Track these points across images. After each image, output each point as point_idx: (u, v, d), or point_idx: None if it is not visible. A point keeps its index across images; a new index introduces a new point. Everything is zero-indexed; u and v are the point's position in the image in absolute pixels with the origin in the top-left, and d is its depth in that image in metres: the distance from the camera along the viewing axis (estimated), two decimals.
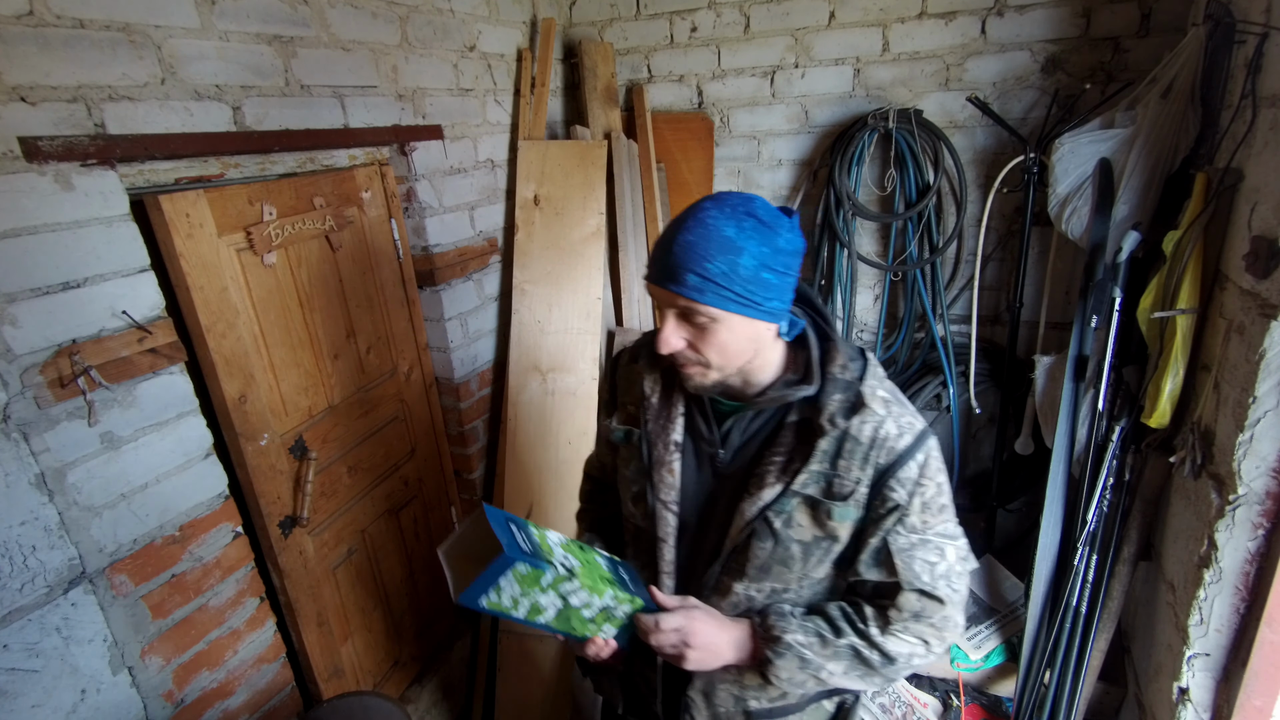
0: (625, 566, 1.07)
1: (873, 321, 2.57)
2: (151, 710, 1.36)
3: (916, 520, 0.96)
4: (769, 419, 1.00)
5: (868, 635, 0.98)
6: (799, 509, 0.96)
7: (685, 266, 0.86)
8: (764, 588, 1.02)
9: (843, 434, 0.94)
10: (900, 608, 0.97)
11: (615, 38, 2.59)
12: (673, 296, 0.88)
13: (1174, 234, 1.55)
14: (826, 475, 0.95)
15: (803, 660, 0.97)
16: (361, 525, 2.00)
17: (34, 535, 1.16)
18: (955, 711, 2.03)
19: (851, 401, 0.95)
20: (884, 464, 0.94)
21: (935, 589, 0.97)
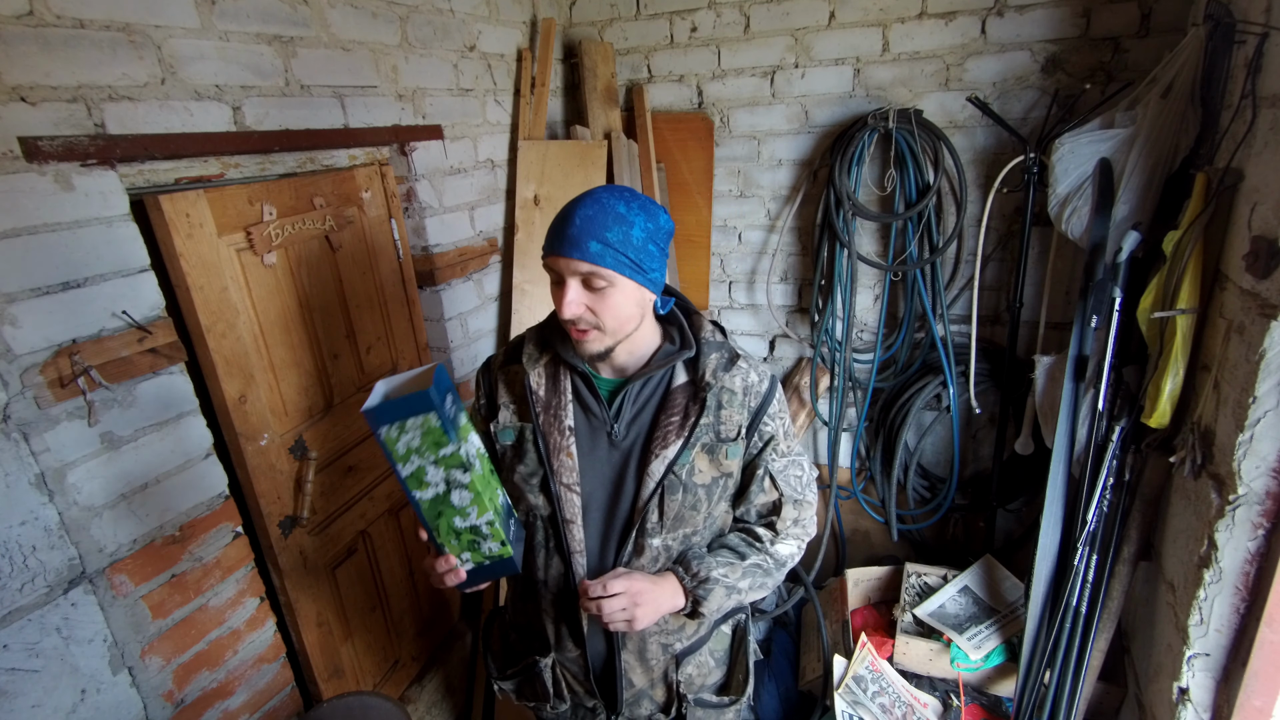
0: (516, 521, 1.12)
1: (873, 321, 2.57)
2: (151, 710, 1.36)
3: (784, 446, 1.19)
4: (655, 388, 1.14)
5: (764, 549, 1.18)
6: (699, 457, 1.12)
7: (587, 235, 0.99)
8: (678, 535, 1.15)
9: (721, 388, 1.12)
10: (784, 518, 1.20)
11: (615, 38, 2.59)
12: (575, 263, 1.00)
13: (1174, 234, 1.55)
14: (714, 425, 1.12)
15: (727, 589, 1.13)
16: (361, 525, 2.00)
17: (34, 535, 1.16)
18: (955, 711, 2.03)
19: (727, 358, 1.14)
20: (755, 406, 1.14)
21: (804, 496, 1.22)
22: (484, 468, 1.02)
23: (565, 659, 1.24)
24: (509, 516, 1.08)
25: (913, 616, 2.22)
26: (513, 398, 1.18)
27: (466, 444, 0.97)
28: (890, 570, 2.40)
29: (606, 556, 1.16)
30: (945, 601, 2.24)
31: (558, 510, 1.13)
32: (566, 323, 1.05)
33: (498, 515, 1.01)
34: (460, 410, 1.00)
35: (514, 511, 1.12)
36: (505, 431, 1.17)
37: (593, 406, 1.14)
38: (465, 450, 0.96)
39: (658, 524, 1.12)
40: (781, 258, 2.66)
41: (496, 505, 1.02)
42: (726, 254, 2.75)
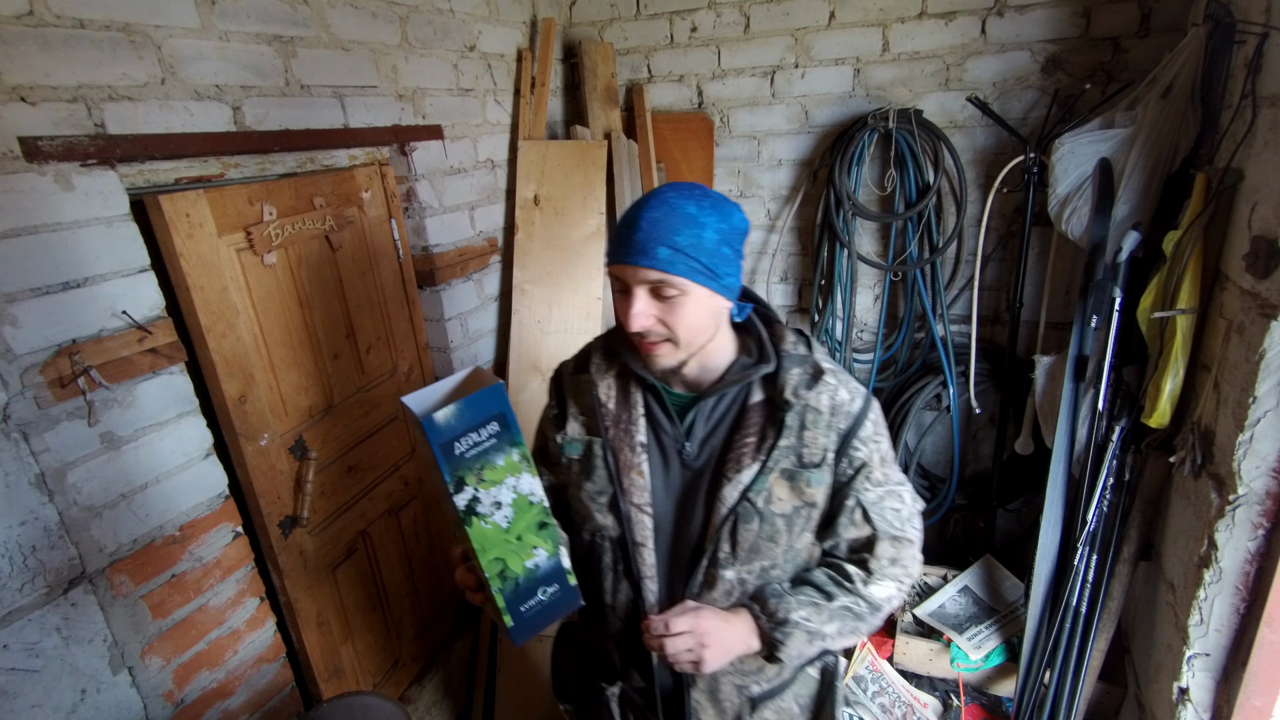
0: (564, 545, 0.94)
1: (873, 321, 2.57)
2: (151, 710, 1.35)
3: (879, 474, 1.04)
4: (730, 404, 1.04)
5: (856, 591, 1.03)
6: (777, 483, 1.00)
7: (656, 241, 0.90)
8: (754, 568, 1.03)
9: (804, 406, 1.00)
10: (879, 556, 1.04)
11: (615, 38, 2.59)
12: (644, 272, 0.91)
13: (1174, 234, 1.55)
14: (796, 448, 1.00)
15: (809, 634, 0.99)
16: (361, 525, 2.00)
17: (34, 535, 1.16)
18: (955, 711, 2.03)
19: (810, 374, 1.02)
20: (844, 428, 1.01)
21: (904, 532, 1.06)
22: (520, 519, 0.85)
23: (632, 689, 1.15)
24: (559, 543, 0.90)
25: (913, 616, 2.22)
26: (581, 409, 1.11)
27: (522, 451, 0.83)
28: None
29: (676, 586, 1.06)
30: (945, 601, 2.24)
31: (628, 532, 1.04)
32: (634, 335, 0.97)
33: (543, 543, 0.86)
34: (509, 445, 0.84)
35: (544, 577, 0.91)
36: (572, 444, 1.10)
37: (664, 423, 1.05)
38: (522, 460, 0.81)
39: (730, 555, 1.01)
40: (781, 258, 2.66)
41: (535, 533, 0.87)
42: None
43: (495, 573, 0.81)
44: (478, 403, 0.73)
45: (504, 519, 0.79)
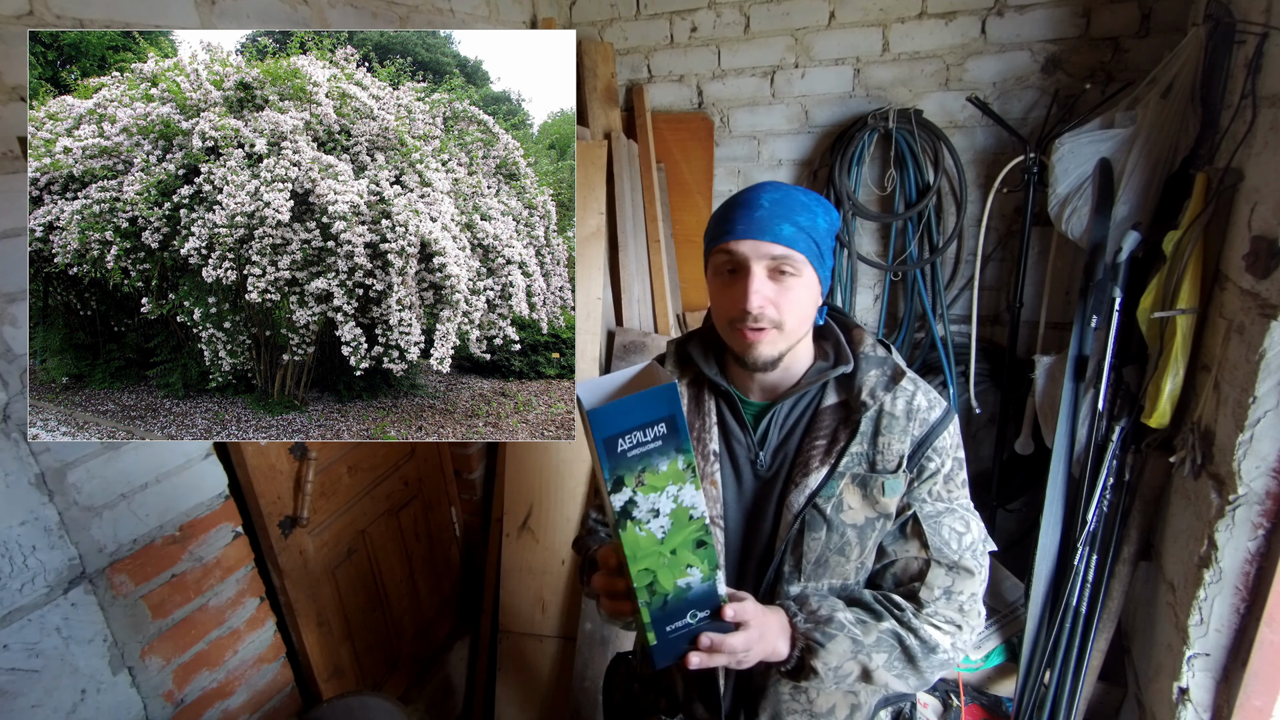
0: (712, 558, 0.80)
1: (873, 321, 2.57)
2: (151, 710, 1.35)
3: (942, 490, 0.97)
4: (805, 409, 1.00)
5: (904, 619, 0.94)
6: (848, 490, 0.95)
7: (780, 218, 0.90)
8: (821, 586, 0.97)
9: (879, 410, 0.96)
10: (931, 585, 0.95)
11: (615, 38, 2.59)
12: (768, 246, 0.90)
13: (1174, 234, 1.55)
14: (868, 453, 0.95)
15: (854, 642, 0.90)
16: (361, 525, 2.00)
17: (34, 535, 1.16)
18: (955, 711, 2.03)
19: (889, 375, 0.97)
20: (919, 435, 0.96)
21: (962, 559, 0.95)
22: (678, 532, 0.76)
23: (691, 705, 1.09)
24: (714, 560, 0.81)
25: None
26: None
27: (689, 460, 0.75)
28: None
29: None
30: None
31: None
32: (743, 320, 0.91)
33: (699, 562, 0.78)
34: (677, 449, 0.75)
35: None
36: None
37: (736, 432, 1.01)
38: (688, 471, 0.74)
39: (794, 569, 0.96)
40: None
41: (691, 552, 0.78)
42: None
43: (644, 584, 0.75)
44: (648, 400, 0.68)
45: (660, 529, 0.74)
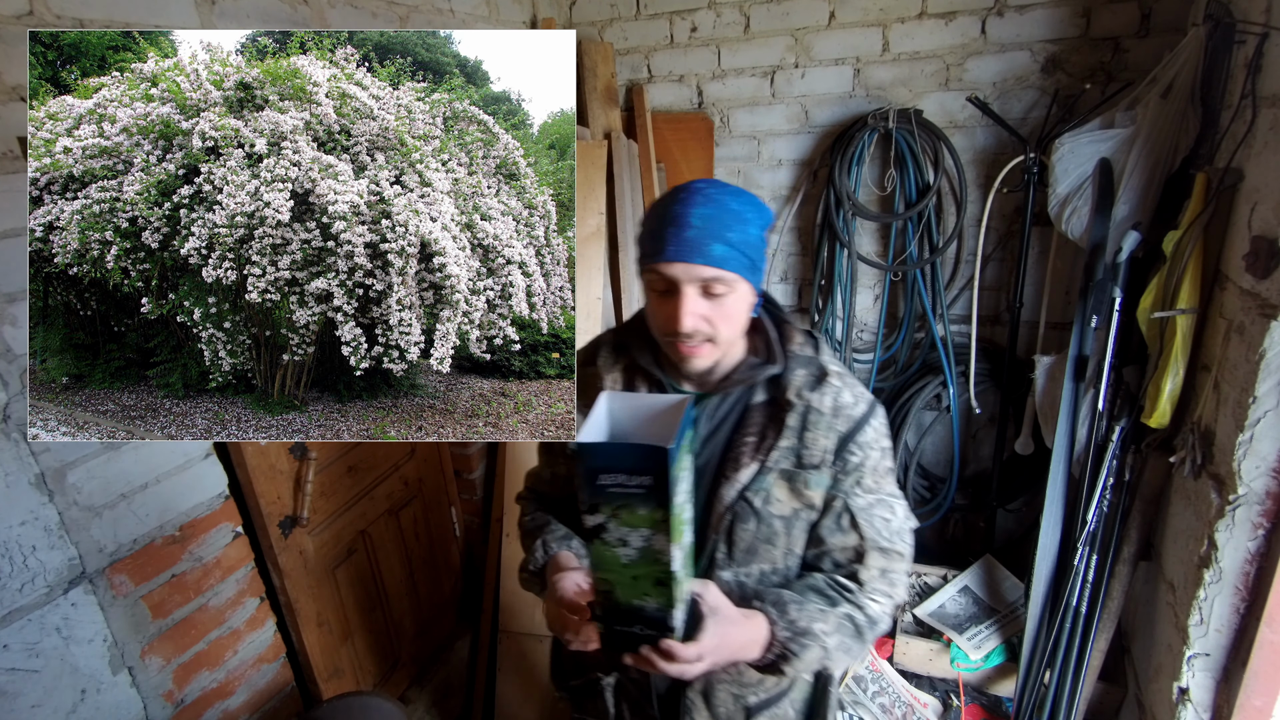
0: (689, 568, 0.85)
1: (873, 321, 2.58)
2: (151, 710, 1.35)
3: (871, 482, 1.02)
4: (735, 404, 1.04)
5: (854, 599, 1.01)
6: (776, 484, 0.99)
7: (710, 238, 0.89)
8: (752, 571, 1.03)
9: (806, 407, 0.99)
10: (869, 567, 1.02)
11: (615, 38, 2.59)
12: (699, 269, 0.89)
13: (1174, 234, 1.55)
14: (796, 449, 0.99)
15: (823, 649, 0.96)
16: (361, 525, 2.00)
17: (34, 535, 1.16)
18: (955, 711, 2.03)
19: (815, 375, 1.01)
20: (844, 431, 1.00)
21: (894, 544, 1.03)
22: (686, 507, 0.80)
23: (628, 681, 1.15)
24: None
25: (913, 616, 2.22)
26: (586, 402, 1.09)
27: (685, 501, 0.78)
28: None
29: None
30: (945, 601, 2.24)
31: None
32: (677, 337, 0.93)
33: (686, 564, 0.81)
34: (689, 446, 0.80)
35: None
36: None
37: None
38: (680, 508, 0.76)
39: (726, 556, 1.01)
40: (781, 258, 2.66)
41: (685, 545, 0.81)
42: None
43: (601, 591, 0.80)
44: (641, 453, 0.70)
45: (626, 555, 0.75)
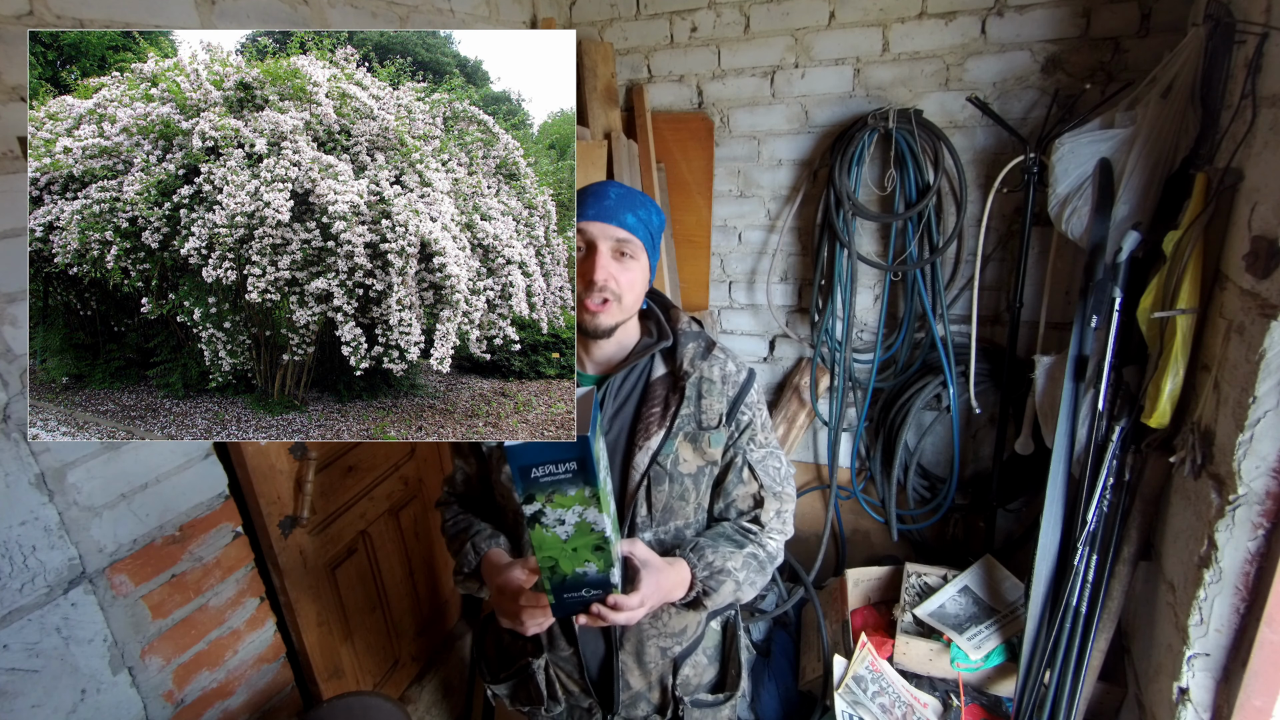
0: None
1: (873, 321, 2.57)
2: (151, 710, 1.36)
3: (761, 437, 1.20)
4: (636, 380, 1.16)
5: (758, 539, 1.18)
6: (682, 447, 1.13)
7: (625, 208, 1.07)
8: (669, 528, 1.16)
9: (700, 377, 1.15)
10: (766, 510, 1.19)
11: (615, 38, 2.59)
12: (613, 229, 1.06)
13: (1174, 234, 1.55)
14: (695, 415, 1.14)
15: (736, 583, 1.12)
16: (361, 525, 2.00)
17: (34, 535, 1.16)
18: (955, 711, 2.03)
19: (704, 346, 1.16)
20: (733, 395, 1.17)
21: (785, 488, 1.22)
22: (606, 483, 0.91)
23: (559, 659, 1.23)
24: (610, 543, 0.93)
25: (913, 616, 2.22)
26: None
27: (603, 479, 0.89)
28: (890, 570, 2.40)
29: None
30: (945, 601, 2.24)
31: None
32: (589, 292, 1.06)
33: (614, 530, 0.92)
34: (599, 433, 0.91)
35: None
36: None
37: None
38: (602, 483, 0.87)
39: (647, 517, 1.13)
40: (781, 258, 2.66)
41: (612, 514, 0.92)
42: (726, 254, 2.75)
43: (547, 567, 0.91)
44: (561, 447, 0.81)
45: (564, 533, 0.87)
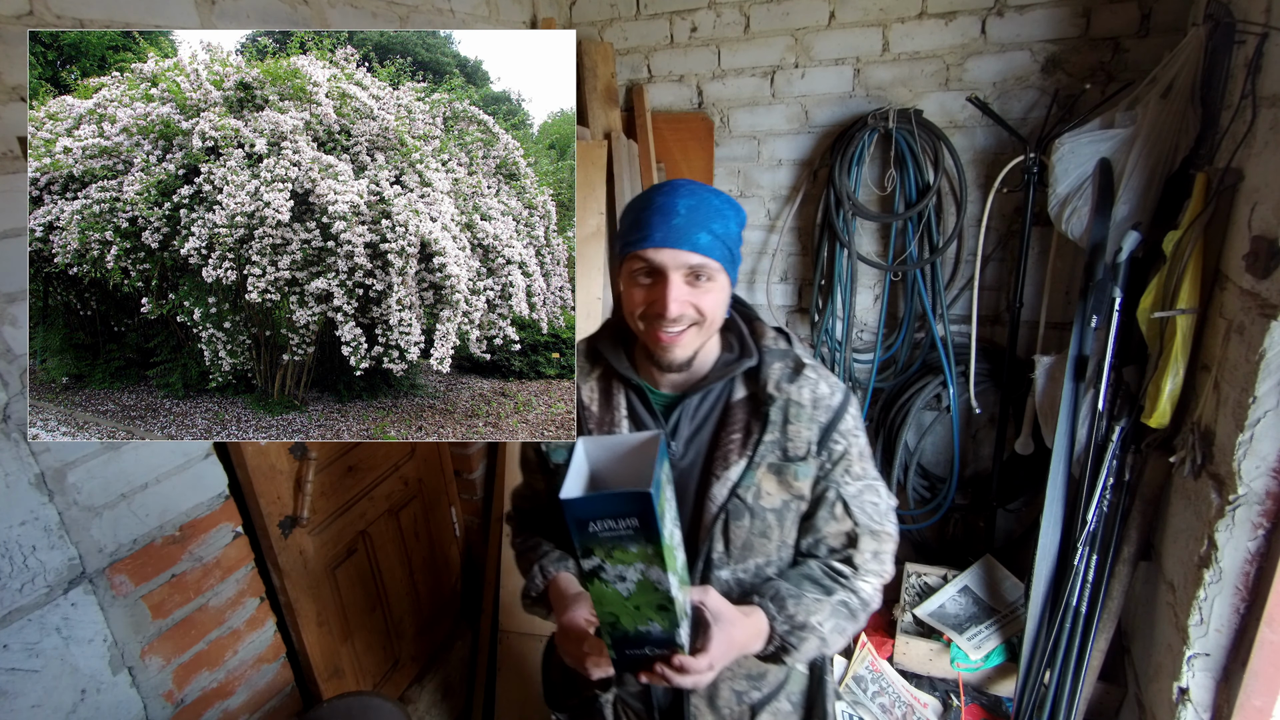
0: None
1: (873, 321, 2.58)
2: (151, 710, 1.35)
3: (858, 468, 1.05)
4: (715, 402, 1.05)
5: (850, 585, 1.04)
6: (765, 479, 1.01)
7: (697, 226, 0.92)
8: (748, 567, 1.03)
9: (786, 400, 1.01)
10: (861, 551, 1.05)
11: (615, 38, 2.59)
12: (684, 255, 0.92)
13: (1174, 234, 1.55)
14: (781, 442, 1.01)
15: (821, 639, 0.99)
16: (361, 525, 2.00)
17: (34, 535, 1.16)
18: (955, 711, 2.03)
19: (791, 368, 1.03)
20: (825, 421, 1.02)
21: (884, 527, 1.07)
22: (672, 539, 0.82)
23: (628, 695, 1.14)
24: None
25: (913, 616, 2.22)
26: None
27: (671, 539, 0.80)
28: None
29: None
30: (945, 601, 2.24)
31: None
32: (659, 323, 0.95)
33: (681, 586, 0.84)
34: (668, 481, 0.83)
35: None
36: (557, 450, 1.09)
37: (648, 422, 1.05)
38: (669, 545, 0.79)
39: (724, 554, 1.02)
40: (781, 258, 2.66)
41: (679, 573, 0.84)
42: None
43: (607, 622, 0.84)
44: (621, 499, 0.73)
45: (625, 590, 0.79)
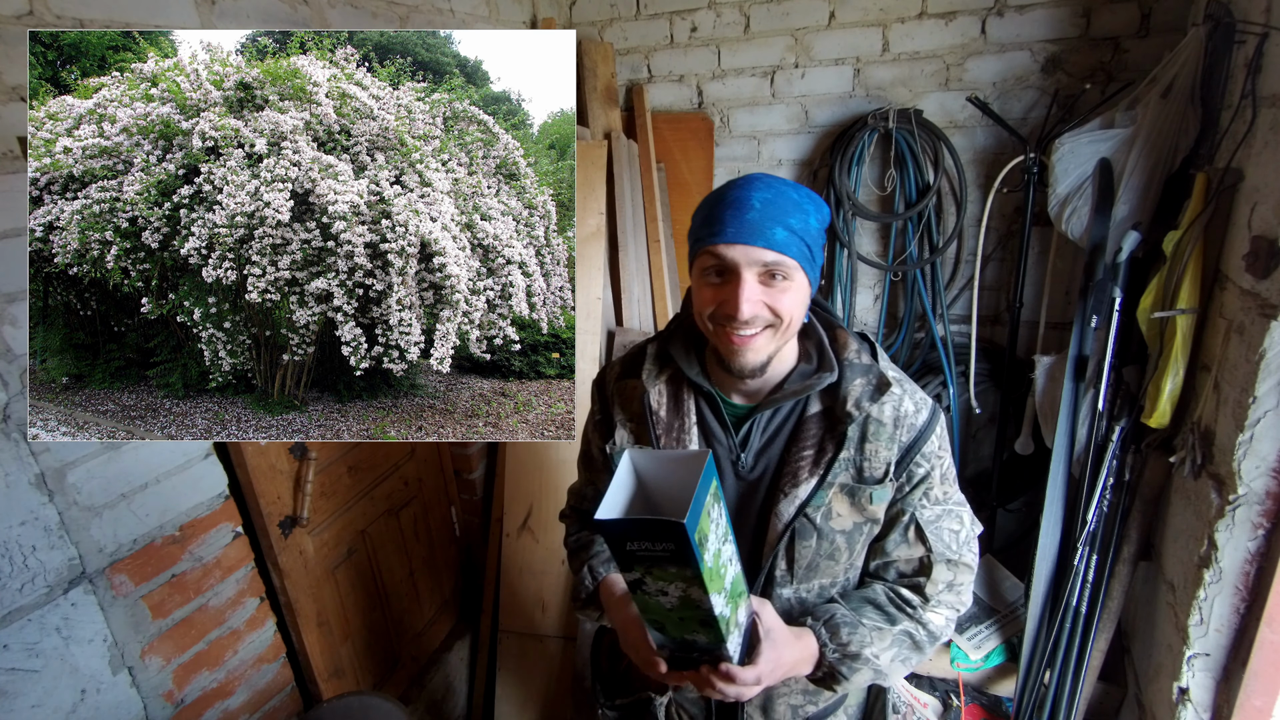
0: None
1: (873, 321, 2.58)
2: (151, 710, 1.35)
3: (938, 492, 0.99)
4: (788, 415, 0.99)
5: (916, 616, 0.99)
6: (836, 499, 0.95)
7: (772, 221, 0.86)
8: (812, 587, 1.00)
9: (865, 418, 0.95)
10: (935, 581, 0.99)
11: (615, 38, 2.59)
12: (759, 252, 0.86)
13: (1174, 234, 1.55)
14: (856, 461, 0.95)
15: (874, 671, 0.96)
16: (361, 525, 2.00)
17: (34, 535, 1.16)
18: (955, 711, 2.03)
19: (874, 385, 0.95)
20: (907, 441, 0.95)
21: (961, 556, 1.00)
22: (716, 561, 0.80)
23: (684, 700, 1.12)
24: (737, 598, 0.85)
25: None
26: (629, 416, 1.05)
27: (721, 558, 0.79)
28: None
29: None
30: None
31: None
32: (731, 324, 0.89)
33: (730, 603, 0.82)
34: (718, 502, 0.80)
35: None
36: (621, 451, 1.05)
37: (717, 432, 1.00)
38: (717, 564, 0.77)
39: (786, 573, 0.98)
40: None
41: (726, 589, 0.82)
42: None
43: (653, 627, 0.84)
44: (656, 527, 0.71)
45: (668, 603, 0.78)
